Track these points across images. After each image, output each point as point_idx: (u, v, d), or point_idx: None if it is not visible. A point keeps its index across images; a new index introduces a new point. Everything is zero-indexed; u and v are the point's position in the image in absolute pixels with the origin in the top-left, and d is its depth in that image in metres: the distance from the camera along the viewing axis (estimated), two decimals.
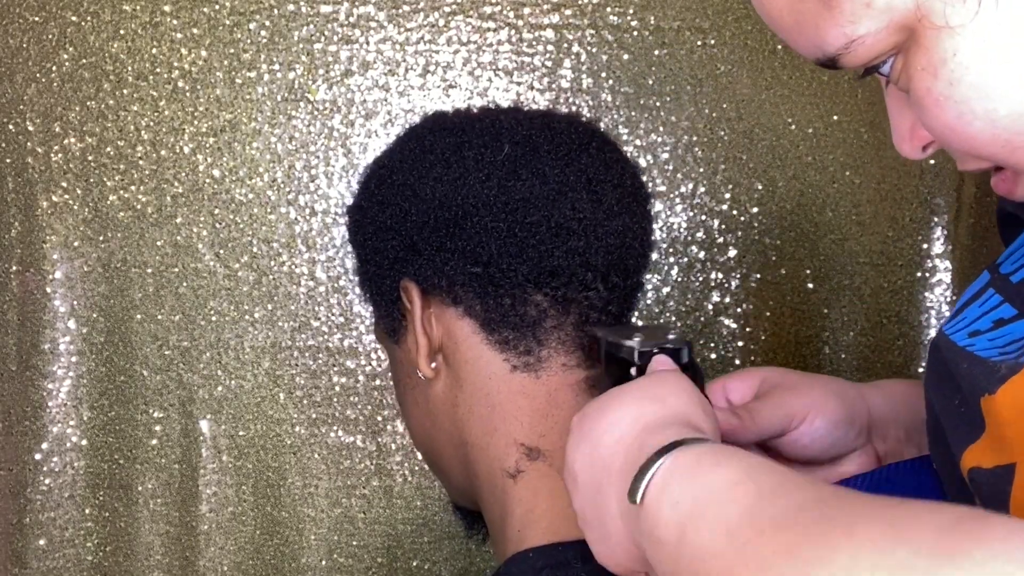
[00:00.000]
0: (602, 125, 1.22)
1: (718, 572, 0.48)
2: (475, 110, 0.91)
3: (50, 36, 1.23)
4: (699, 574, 0.49)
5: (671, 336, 0.73)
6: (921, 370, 1.28)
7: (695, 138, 1.25)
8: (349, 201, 1.24)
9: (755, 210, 1.26)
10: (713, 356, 1.27)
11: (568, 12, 1.24)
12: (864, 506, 0.45)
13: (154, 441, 1.27)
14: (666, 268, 1.26)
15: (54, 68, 1.23)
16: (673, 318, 1.26)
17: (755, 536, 0.47)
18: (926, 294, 1.28)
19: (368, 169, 0.90)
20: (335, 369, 1.26)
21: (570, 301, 0.82)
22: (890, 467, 0.76)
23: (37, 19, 1.23)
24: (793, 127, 1.26)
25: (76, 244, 1.25)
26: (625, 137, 1.25)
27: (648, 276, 1.24)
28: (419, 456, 1.26)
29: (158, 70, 1.23)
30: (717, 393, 0.80)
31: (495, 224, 0.80)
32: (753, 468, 0.52)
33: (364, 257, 0.88)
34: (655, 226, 1.22)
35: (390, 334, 0.87)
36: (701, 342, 1.26)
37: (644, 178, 0.91)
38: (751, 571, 0.46)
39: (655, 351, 0.71)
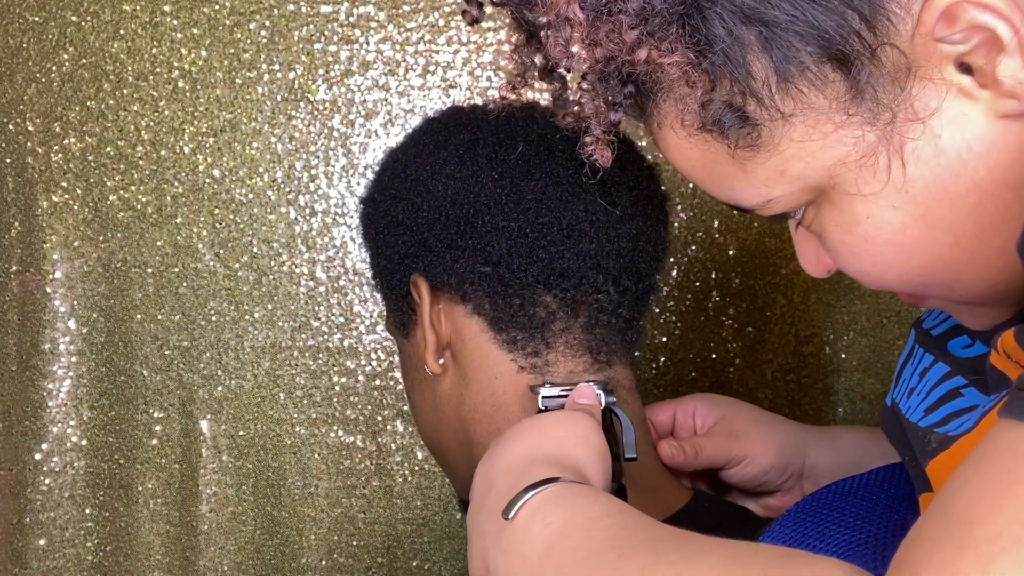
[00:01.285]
0: None
1: None
2: (491, 105, 0.89)
3: (50, 36, 1.23)
4: None
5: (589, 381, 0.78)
6: None
7: None
8: (349, 201, 1.25)
9: None
10: (714, 356, 1.27)
11: None
12: (710, 542, 0.53)
13: (154, 441, 1.27)
14: (666, 268, 1.26)
15: (54, 68, 1.23)
16: (673, 318, 1.26)
17: (614, 559, 0.54)
18: None
19: (383, 161, 0.89)
20: (335, 369, 1.26)
21: (580, 303, 0.81)
22: (860, 477, 0.78)
23: (37, 19, 1.23)
24: None
25: (76, 244, 1.25)
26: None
27: None
28: (419, 456, 1.26)
29: (158, 70, 1.23)
30: (687, 412, 0.90)
31: (506, 224, 0.79)
32: (618, 508, 0.61)
33: (375, 250, 0.87)
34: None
35: (400, 328, 0.87)
36: (701, 342, 1.27)
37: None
38: None
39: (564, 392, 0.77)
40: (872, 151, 0.55)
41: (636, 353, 0.87)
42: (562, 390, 0.77)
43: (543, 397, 0.78)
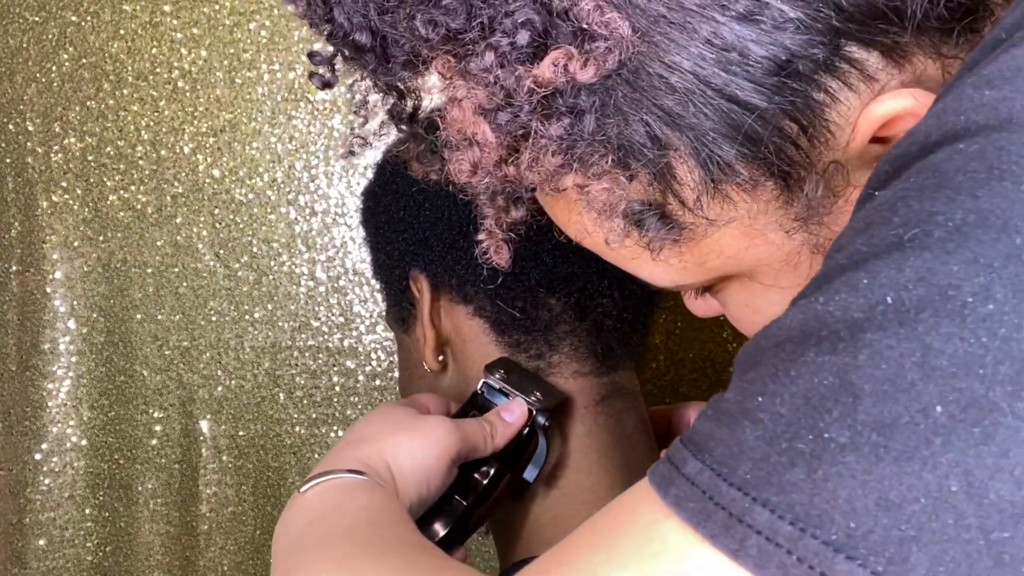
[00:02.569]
0: None
1: (312, 556, 0.61)
2: None
3: (50, 36, 1.23)
4: (298, 550, 0.63)
5: (537, 397, 0.76)
6: None
7: None
8: (349, 201, 1.25)
9: None
10: (713, 356, 1.27)
11: None
12: (427, 549, 0.62)
13: (154, 441, 1.27)
14: None
15: (54, 68, 1.23)
16: (673, 318, 1.26)
17: (342, 545, 0.61)
18: None
19: (384, 154, 0.87)
20: (335, 369, 1.26)
21: (585, 307, 0.79)
22: None
23: (37, 19, 1.23)
24: None
25: (76, 244, 1.25)
26: None
27: None
28: None
29: (158, 70, 1.23)
30: (683, 420, 0.89)
31: None
32: (386, 511, 0.65)
33: (375, 244, 0.86)
34: None
35: (399, 322, 0.86)
36: (701, 342, 1.27)
37: None
38: (329, 568, 0.60)
39: (491, 394, 0.77)
40: (797, 251, 0.53)
41: (641, 357, 0.85)
42: (506, 388, 0.77)
43: (484, 383, 0.77)
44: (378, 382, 1.26)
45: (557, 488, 0.79)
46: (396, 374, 1.26)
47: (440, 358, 0.82)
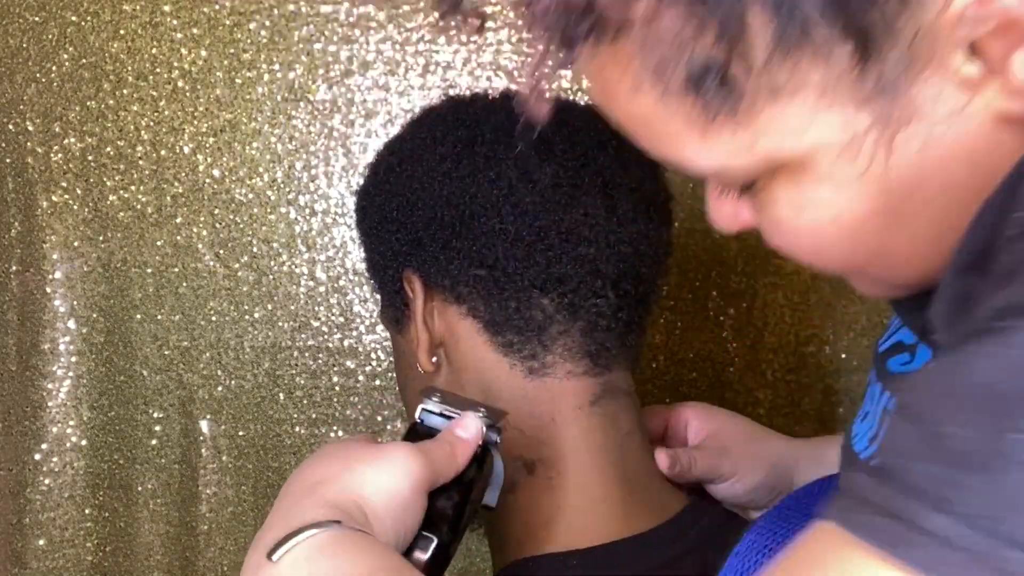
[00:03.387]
0: None
1: None
2: (492, 95, 0.86)
3: (50, 36, 1.23)
4: None
5: (483, 413, 0.73)
6: None
7: None
8: (349, 201, 1.24)
9: None
10: (713, 356, 1.27)
11: None
12: None
13: (154, 441, 1.27)
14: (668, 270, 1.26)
15: (54, 68, 1.23)
16: (673, 318, 1.26)
17: None
18: None
19: (379, 153, 0.87)
20: (335, 369, 1.26)
21: (578, 307, 0.78)
22: None
23: (37, 19, 1.23)
24: None
25: (76, 244, 1.25)
26: None
27: None
28: None
29: (158, 70, 1.23)
30: (680, 421, 0.90)
31: (503, 227, 0.77)
32: (389, 565, 0.59)
33: (368, 244, 0.86)
34: None
35: (394, 322, 0.85)
36: (701, 342, 1.26)
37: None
38: None
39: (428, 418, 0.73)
40: (860, 137, 0.48)
41: (637, 357, 0.85)
42: (447, 410, 0.73)
43: (423, 409, 0.73)
44: (378, 382, 1.26)
45: (552, 489, 0.79)
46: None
47: (434, 359, 0.81)
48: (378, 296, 0.89)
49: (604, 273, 0.78)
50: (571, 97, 1.23)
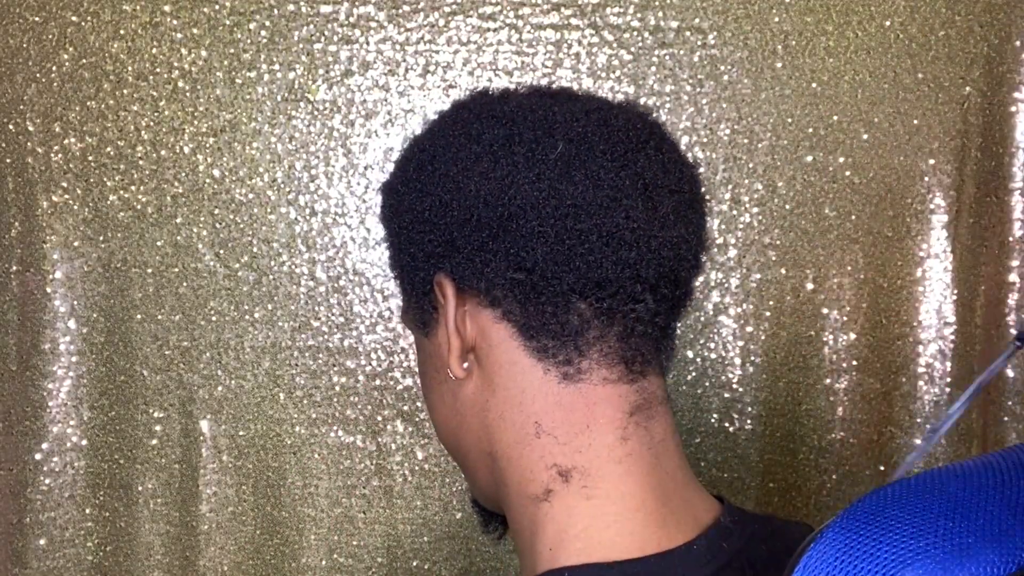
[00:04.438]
0: None
1: None
2: (523, 91, 0.83)
3: (50, 36, 1.23)
4: None
5: None
6: (920, 370, 1.28)
7: (695, 138, 1.25)
8: (349, 201, 1.24)
9: (755, 210, 1.26)
10: (713, 356, 1.27)
11: (568, 12, 1.24)
12: None
13: (154, 441, 1.27)
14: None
15: (54, 68, 1.23)
16: None
17: None
18: (926, 294, 1.28)
19: (407, 149, 0.83)
20: (335, 369, 1.26)
21: (615, 312, 0.76)
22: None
23: (37, 19, 1.23)
24: (793, 127, 1.26)
25: (76, 244, 1.25)
26: None
27: None
28: (419, 456, 1.26)
29: (158, 70, 1.23)
30: None
31: (543, 229, 0.74)
32: None
33: (397, 245, 0.82)
34: None
35: (420, 325, 0.82)
36: (701, 342, 1.26)
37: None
38: None
39: None
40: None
41: (670, 362, 0.83)
42: None
43: None
44: (378, 382, 1.26)
45: (587, 499, 0.78)
46: (396, 374, 1.26)
47: (464, 365, 0.79)
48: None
49: (644, 277, 0.77)
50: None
